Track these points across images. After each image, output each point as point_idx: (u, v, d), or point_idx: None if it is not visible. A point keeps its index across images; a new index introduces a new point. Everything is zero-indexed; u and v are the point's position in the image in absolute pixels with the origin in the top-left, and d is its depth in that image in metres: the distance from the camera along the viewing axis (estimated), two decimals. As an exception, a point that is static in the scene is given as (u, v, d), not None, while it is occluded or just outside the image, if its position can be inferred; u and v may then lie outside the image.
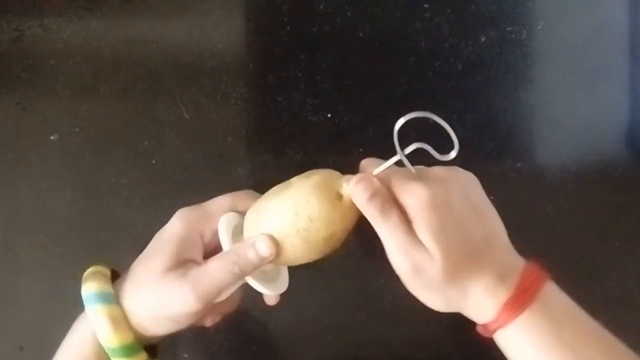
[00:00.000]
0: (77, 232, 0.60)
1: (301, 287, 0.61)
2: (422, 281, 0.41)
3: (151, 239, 0.62)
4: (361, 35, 0.60)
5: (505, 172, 0.60)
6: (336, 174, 0.43)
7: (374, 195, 0.40)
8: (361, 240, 0.61)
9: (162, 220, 0.60)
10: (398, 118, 0.61)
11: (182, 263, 0.44)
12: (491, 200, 0.49)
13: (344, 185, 0.42)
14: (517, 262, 0.42)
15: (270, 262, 0.43)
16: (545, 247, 0.60)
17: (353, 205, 0.42)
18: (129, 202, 0.60)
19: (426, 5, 0.60)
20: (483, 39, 0.60)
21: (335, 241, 0.43)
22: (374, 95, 0.60)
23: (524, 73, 0.60)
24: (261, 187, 0.47)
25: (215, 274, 0.42)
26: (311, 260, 0.44)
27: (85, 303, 0.44)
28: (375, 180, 0.41)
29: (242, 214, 0.45)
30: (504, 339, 0.41)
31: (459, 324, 0.63)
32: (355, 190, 0.41)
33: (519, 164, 0.60)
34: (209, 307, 0.43)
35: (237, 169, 0.60)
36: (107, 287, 0.45)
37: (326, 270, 0.60)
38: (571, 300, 0.42)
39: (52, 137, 0.60)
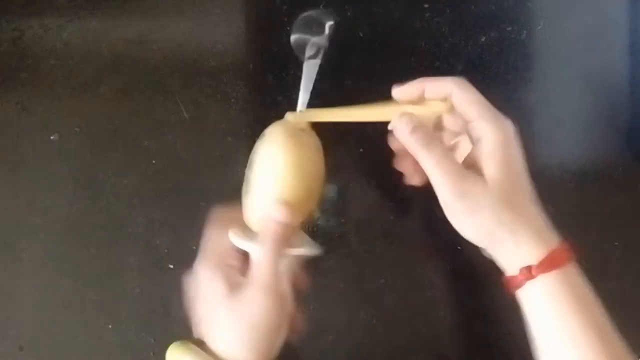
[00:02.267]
0: (77, 232, 0.60)
1: (301, 287, 0.61)
2: (469, 203, 0.43)
3: (151, 239, 0.62)
4: (361, 35, 0.60)
5: (505, 172, 0.60)
6: (278, 122, 0.49)
7: (415, 129, 0.45)
8: (361, 240, 0.61)
9: (162, 220, 0.60)
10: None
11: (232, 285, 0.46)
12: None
13: (289, 118, 0.48)
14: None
15: (294, 217, 0.46)
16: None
17: (304, 130, 0.47)
18: (129, 202, 0.60)
19: (426, 5, 0.60)
20: (483, 39, 0.60)
21: (315, 162, 0.47)
22: (374, 95, 0.60)
23: (524, 73, 0.60)
24: (261, 187, 0.47)
25: (263, 262, 0.45)
26: (319, 192, 0.48)
27: None
28: (414, 115, 0.46)
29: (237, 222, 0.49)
30: (529, 292, 0.44)
31: (459, 324, 0.63)
32: (398, 125, 0.46)
33: (519, 164, 0.60)
34: (284, 296, 0.46)
35: (237, 169, 0.60)
36: (194, 351, 0.46)
37: (326, 270, 0.60)
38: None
39: (52, 137, 0.60)
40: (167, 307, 0.52)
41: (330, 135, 0.60)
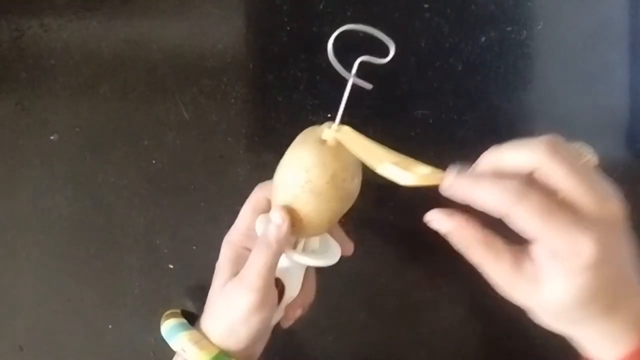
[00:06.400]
0: (77, 232, 0.60)
1: (301, 287, 0.61)
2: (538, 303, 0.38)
3: (151, 239, 0.62)
4: (361, 35, 0.60)
5: (505, 172, 0.60)
6: (316, 127, 0.46)
7: (485, 235, 0.39)
8: (361, 240, 0.61)
9: (162, 220, 0.61)
10: (398, 118, 0.61)
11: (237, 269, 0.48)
12: (491, 200, 0.48)
13: (325, 130, 0.45)
14: None
15: (297, 230, 0.45)
16: (545, 247, 0.61)
17: (340, 144, 0.44)
18: (129, 202, 0.60)
19: (426, 5, 0.59)
20: (483, 39, 0.60)
21: (341, 182, 0.44)
22: (374, 95, 0.60)
23: (524, 73, 0.60)
24: (261, 187, 0.47)
25: (253, 262, 0.46)
26: (337, 214, 0.46)
27: (168, 340, 0.48)
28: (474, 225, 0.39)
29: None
30: None
31: (459, 324, 0.63)
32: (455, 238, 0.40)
33: (519, 164, 0.60)
34: (268, 298, 0.46)
35: (237, 169, 0.60)
36: (181, 319, 0.50)
37: (326, 270, 0.60)
38: None
39: (52, 137, 0.60)
40: (167, 307, 0.52)
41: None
